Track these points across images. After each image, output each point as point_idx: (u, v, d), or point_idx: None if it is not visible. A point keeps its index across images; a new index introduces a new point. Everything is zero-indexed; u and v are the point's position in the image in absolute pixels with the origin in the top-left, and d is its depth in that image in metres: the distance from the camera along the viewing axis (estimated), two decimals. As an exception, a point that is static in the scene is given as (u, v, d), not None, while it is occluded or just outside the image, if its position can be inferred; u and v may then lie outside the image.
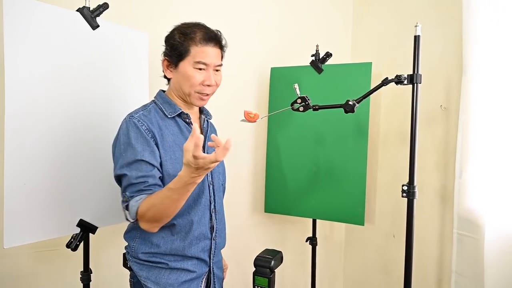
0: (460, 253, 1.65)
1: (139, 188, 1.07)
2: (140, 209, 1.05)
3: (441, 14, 1.83)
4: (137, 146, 1.09)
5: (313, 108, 1.20)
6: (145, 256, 1.18)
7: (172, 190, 1.01)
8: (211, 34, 1.16)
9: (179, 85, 1.18)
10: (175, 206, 1.05)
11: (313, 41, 2.00)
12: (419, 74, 1.19)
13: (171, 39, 1.16)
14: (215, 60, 1.17)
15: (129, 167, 1.08)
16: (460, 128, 1.65)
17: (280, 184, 2.07)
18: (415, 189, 1.19)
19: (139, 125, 1.11)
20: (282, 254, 1.49)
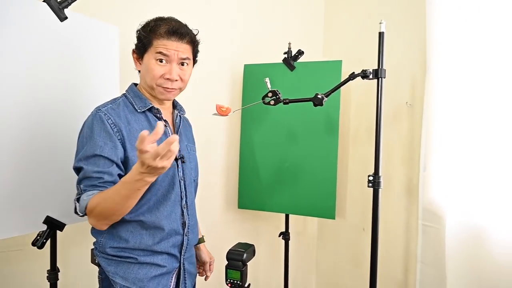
0: (425, 243, 1.72)
1: (93, 183, 1.05)
2: (90, 204, 1.03)
3: (406, 14, 1.91)
4: (99, 141, 1.07)
5: (284, 101, 1.22)
6: (113, 251, 1.16)
7: (123, 185, 0.99)
8: (176, 27, 1.14)
9: (144, 78, 1.17)
10: (123, 203, 1.02)
11: (286, 38, 2.03)
12: (384, 69, 1.24)
13: (139, 32, 1.16)
14: (179, 53, 1.14)
15: (87, 160, 1.07)
16: (424, 124, 1.73)
17: (254, 180, 2.09)
18: (380, 179, 1.24)
19: (105, 119, 1.09)
20: (255, 247, 1.51)
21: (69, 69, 1.46)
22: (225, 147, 2.22)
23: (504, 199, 1.43)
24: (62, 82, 1.44)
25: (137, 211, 1.12)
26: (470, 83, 1.55)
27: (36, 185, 1.36)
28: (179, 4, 1.99)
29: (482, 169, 1.50)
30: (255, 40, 2.25)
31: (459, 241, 1.51)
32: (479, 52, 1.52)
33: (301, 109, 1.98)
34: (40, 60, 1.36)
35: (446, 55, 1.63)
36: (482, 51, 1.51)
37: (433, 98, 1.69)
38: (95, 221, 1.07)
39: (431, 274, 1.68)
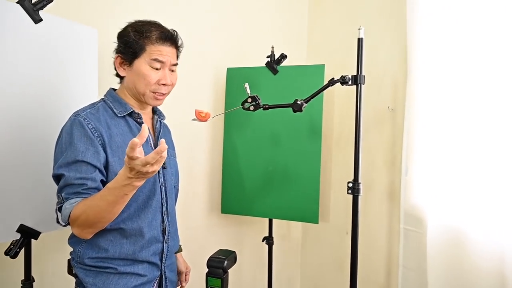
0: (406, 247, 1.73)
1: (76, 190, 1.02)
2: (74, 212, 1.00)
3: (388, 18, 1.93)
4: (80, 146, 1.04)
5: (263, 107, 1.21)
6: (91, 261, 1.12)
7: (109, 190, 0.97)
8: (167, 33, 1.15)
9: (134, 84, 1.15)
10: (110, 210, 0.99)
11: (270, 42, 2.02)
12: (363, 75, 1.24)
13: (125, 36, 1.13)
14: (171, 59, 1.16)
15: (68, 167, 1.04)
16: (405, 128, 1.74)
17: (237, 184, 2.07)
18: (359, 186, 1.24)
19: (85, 124, 1.07)
20: (236, 254, 1.49)
21: (46, 73, 1.42)
22: (208, 151, 2.19)
23: (485, 203, 1.44)
24: (39, 85, 1.40)
25: (117, 218, 1.09)
26: (450, 87, 1.57)
27: (9, 192, 1.31)
28: (160, 7, 1.96)
29: (464, 173, 1.51)
30: (238, 44, 2.23)
31: (440, 246, 1.53)
32: (459, 56, 1.54)
33: (284, 113, 1.96)
34: (16, 63, 1.32)
35: (426, 59, 1.64)
36: (462, 55, 1.52)
37: (414, 102, 1.71)
38: (79, 230, 1.04)
39: (413, 278, 1.68)
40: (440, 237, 1.52)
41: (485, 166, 1.45)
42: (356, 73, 1.24)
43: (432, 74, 1.62)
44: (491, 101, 1.44)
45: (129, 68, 1.14)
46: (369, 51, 2.00)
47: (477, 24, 1.47)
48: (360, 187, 1.23)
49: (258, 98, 1.20)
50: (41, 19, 1.39)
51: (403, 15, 1.72)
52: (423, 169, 1.65)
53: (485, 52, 1.45)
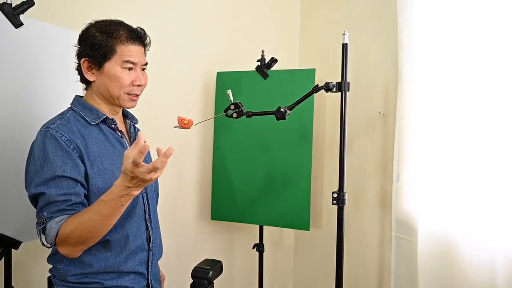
0: (398, 255, 1.70)
1: (60, 208, 0.97)
2: (62, 231, 0.95)
3: (378, 23, 1.90)
4: (56, 161, 0.98)
5: (246, 114, 1.18)
6: (75, 278, 1.07)
7: (104, 203, 0.93)
8: (136, 32, 1.10)
9: (106, 87, 1.09)
10: (105, 223, 0.96)
11: (262, 46, 2.00)
12: (347, 82, 1.20)
13: (91, 38, 1.07)
14: (142, 59, 1.12)
15: (47, 184, 0.97)
16: (396, 134, 1.70)
17: (227, 190, 2.04)
18: (344, 196, 1.20)
19: (58, 136, 1.00)
20: (222, 264, 1.44)
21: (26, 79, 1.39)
22: (197, 157, 2.16)
23: (476, 210, 1.41)
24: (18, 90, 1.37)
25: None
26: (442, 92, 1.54)
27: (-13, 201, 1.28)
28: (147, 10, 1.94)
29: (455, 179, 1.48)
30: (229, 48, 2.21)
31: (431, 254, 1.49)
32: (450, 61, 1.51)
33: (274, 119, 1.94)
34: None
35: (417, 64, 1.61)
36: (454, 60, 1.49)
37: (405, 108, 1.67)
38: (69, 249, 0.98)
39: (404, 287, 1.65)
40: (431, 245, 1.48)
41: (477, 173, 1.42)
42: (341, 79, 1.20)
43: (423, 79, 1.59)
44: (483, 105, 1.41)
45: (98, 72, 1.08)
46: (360, 56, 1.98)
47: (469, 28, 1.45)
48: (345, 198, 1.19)
49: (241, 105, 1.17)
50: (21, 23, 1.37)
51: (394, 19, 1.69)
52: (415, 175, 1.62)
53: (477, 57, 1.42)
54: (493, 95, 1.38)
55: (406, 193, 1.66)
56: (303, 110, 1.90)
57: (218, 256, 2.20)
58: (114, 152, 1.11)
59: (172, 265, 1.94)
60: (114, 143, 1.13)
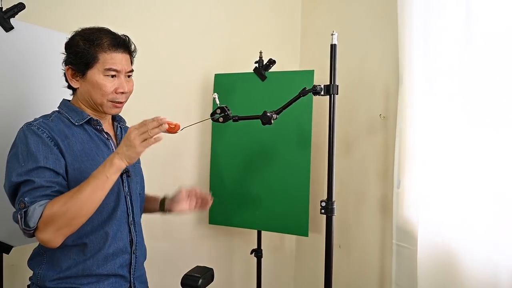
0: (399, 264, 1.63)
1: (44, 193, 0.96)
2: (46, 212, 0.93)
3: (379, 24, 1.84)
4: (39, 154, 0.99)
5: (233, 119, 1.14)
6: (53, 284, 1.07)
7: (91, 176, 0.97)
8: (119, 39, 1.09)
9: (89, 95, 1.10)
10: (92, 197, 0.96)
11: (262, 47, 1.96)
12: (336, 85, 1.15)
13: (74, 46, 1.08)
14: (126, 66, 1.11)
15: (30, 174, 0.97)
16: (397, 137, 1.64)
17: (224, 194, 2.00)
18: (333, 206, 1.14)
19: (39, 132, 1.02)
20: (213, 272, 1.41)
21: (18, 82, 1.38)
22: (195, 160, 2.13)
23: (480, 220, 1.34)
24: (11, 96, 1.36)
25: (79, 233, 1.03)
26: (444, 94, 1.47)
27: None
28: (144, 12, 1.92)
29: (458, 186, 1.41)
30: (227, 49, 2.17)
31: (431, 264, 1.43)
32: (453, 62, 1.44)
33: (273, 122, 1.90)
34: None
35: (418, 65, 1.55)
36: (457, 60, 1.43)
37: (407, 110, 1.61)
38: (51, 233, 0.95)
39: (405, 297, 1.58)
40: (431, 254, 1.42)
41: (482, 179, 1.35)
42: (330, 82, 1.15)
43: (425, 81, 1.53)
44: (488, 108, 1.34)
45: (82, 79, 1.09)
46: (360, 57, 1.93)
47: (471, 29, 1.38)
48: (334, 207, 1.14)
49: (227, 109, 1.13)
50: (12, 27, 1.36)
51: (394, 20, 1.63)
52: (416, 181, 1.55)
53: (481, 58, 1.36)
54: (499, 97, 1.31)
55: (407, 200, 1.60)
56: (301, 113, 1.86)
57: (216, 261, 2.19)
58: (98, 153, 1.12)
59: (168, 269, 1.91)
60: (98, 143, 1.14)
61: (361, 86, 1.92)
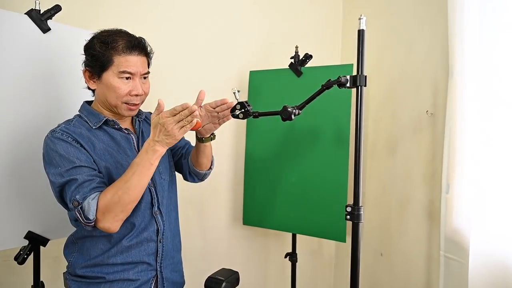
0: (447, 277, 1.46)
1: (91, 187, 1.02)
2: (101, 203, 0.99)
3: (427, 10, 1.66)
4: (71, 157, 1.04)
5: (253, 115, 1.08)
6: (82, 271, 1.13)
7: (135, 163, 1.01)
8: (134, 42, 1.09)
9: (105, 96, 1.12)
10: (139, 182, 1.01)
11: (299, 42, 1.88)
12: (364, 75, 1.03)
13: (91, 49, 1.09)
14: (141, 68, 1.11)
15: (70, 173, 1.02)
16: (446, 136, 1.47)
17: (259, 195, 1.95)
18: (360, 211, 1.03)
19: (64, 138, 1.06)
20: (238, 275, 1.36)
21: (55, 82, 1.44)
22: (230, 159, 2.10)
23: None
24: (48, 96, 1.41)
25: None
26: (500, 89, 1.29)
27: (18, 200, 1.33)
28: (180, 10, 1.92)
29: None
30: (263, 45, 2.11)
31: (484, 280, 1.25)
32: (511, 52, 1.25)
33: (309, 119, 1.81)
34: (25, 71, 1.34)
35: (471, 56, 1.38)
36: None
37: (457, 106, 1.44)
38: (109, 221, 1.01)
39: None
40: (484, 269, 1.25)
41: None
42: (356, 72, 1.04)
43: (478, 73, 1.36)
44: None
45: (98, 81, 1.11)
46: (406, 47, 1.76)
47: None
48: (361, 213, 1.02)
49: (247, 104, 1.07)
50: (49, 28, 1.41)
51: (444, 4, 1.46)
52: (467, 185, 1.38)
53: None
54: None
55: (457, 207, 1.43)
56: (339, 110, 1.74)
57: (249, 263, 2.14)
58: (119, 151, 1.15)
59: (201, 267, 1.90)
60: (119, 141, 1.16)
61: (405, 80, 1.76)
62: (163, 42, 1.79)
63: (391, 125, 1.85)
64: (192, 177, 1.39)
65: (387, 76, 1.90)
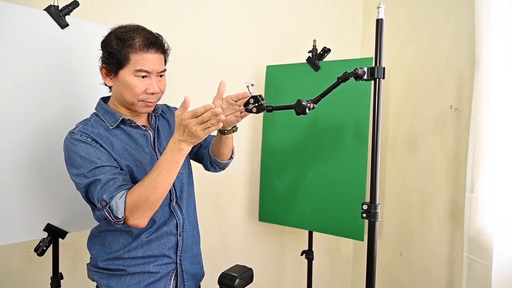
0: (470, 280, 1.39)
1: (116, 185, 1.02)
2: (129, 202, 1.00)
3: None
4: (92, 158, 1.05)
5: (267, 109, 1.05)
6: (104, 264, 1.16)
7: (160, 163, 1.00)
8: (151, 39, 1.07)
9: (121, 94, 1.11)
10: (165, 181, 1.01)
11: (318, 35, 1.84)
12: (382, 67, 0.98)
13: (107, 46, 1.08)
14: (158, 66, 1.09)
15: (93, 173, 1.03)
16: (471, 132, 1.40)
17: (275, 191, 1.93)
18: (377, 209, 0.99)
19: (83, 139, 1.07)
20: (252, 272, 1.34)
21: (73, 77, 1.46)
22: (246, 155, 2.08)
23: None
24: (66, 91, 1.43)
25: None
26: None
27: (37, 193, 1.37)
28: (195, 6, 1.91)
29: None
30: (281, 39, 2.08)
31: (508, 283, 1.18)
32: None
33: (327, 114, 1.77)
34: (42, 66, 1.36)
35: (499, 48, 1.30)
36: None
37: (484, 101, 1.36)
38: (138, 219, 1.03)
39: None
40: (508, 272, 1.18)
41: None
42: (374, 64, 0.99)
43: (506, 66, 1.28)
44: None
45: (115, 78, 1.10)
46: (429, 38, 1.69)
47: None
48: (378, 211, 0.98)
49: (261, 98, 1.04)
50: (67, 24, 1.43)
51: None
52: (493, 184, 1.31)
53: None
54: None
55: (481, 206, 1.36)
56: (358, 105, 1.69)
57: (264, 260, 2.12)
58: (138, 149, 1.15)
59: (217, 262, 1.90)
60: (137, 139, 1.16)
61: (428, 73, 1.68)
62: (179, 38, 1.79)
63: (412, 120, 1.78)
64: (214, 167, 1.38)
65: (409, 69, 1.83)
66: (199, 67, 1.92)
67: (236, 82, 2.00)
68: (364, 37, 2.17)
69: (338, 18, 2.17)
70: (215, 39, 1.96)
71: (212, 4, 1.94)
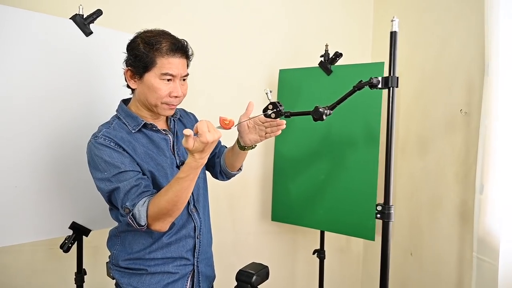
0: (479, 279, 1.43)
1: (138, 192, 1.06)
2: (151, 211, 1.03)
3: (462, 5, 1.62)
4: (116, 162, 1.07)
5: (285, 114, 1.10)
6: (125, 263, 1.19)
7: (182, 179, 1.01)
8: (178, 44, 1.11)
9: (145, 96, 1.14)
10: (186, 194, 1.04)
11: (329, 40, 1.88)
12: (396, 76, 1.03)
13: (134, 49, 1.10)
14: (182, 70, 1.12)
15: (117, 179, 1.06)
16: (481, 136, 1.44)
17: (287, 191, 1.97)
18: (391, 210, 1.03)
19: (107, 143, 1.09)
20: (268, 270, 1.39)
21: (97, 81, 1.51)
22: (260, 155, 2.13)
23: None
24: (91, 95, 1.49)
25: None
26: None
27: (63, 192, 1.43)
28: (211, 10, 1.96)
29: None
30: (293, 44, 2.13)
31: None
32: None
33: (339, 116, 1.80)
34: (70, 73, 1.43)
35: (508, 53, 1.33)
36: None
37: (493, 104, 1.40)
38: (160, 225, 1.07)
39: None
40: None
41: None
42: (388, 73, 1.04)
43: (516, 70, 1.31)
44: None
45: (140, 81, 1.12)
46: (439, 44, 1.72)
47: None
48: (391, 212, 1.03)
49: (279, 104, 1.10)
50: (91, 32, 1.49)
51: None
52: (502, 186, 1.34)
53: None
54: None
55: (491, 207, 1.39)
56: (370, 109, 1.74)
57: (277, 259, 2.18)
58: (159, 153, 1.17)
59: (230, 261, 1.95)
60: (158, 143, 1.19)
61: (438, 78, 1.72)
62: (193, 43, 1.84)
63: (422, 123, 1.82)
64: (222, 176, 1.42)
65: (419, 74, 1.87)
66: (213, 71, 1.97)
67: (249, 85, 2.07)
68: (375, 41, 2.21)
69: (349, 23, 2.21)
70: (229, 43, 2.01)
71: (226, 9, 1.99)
